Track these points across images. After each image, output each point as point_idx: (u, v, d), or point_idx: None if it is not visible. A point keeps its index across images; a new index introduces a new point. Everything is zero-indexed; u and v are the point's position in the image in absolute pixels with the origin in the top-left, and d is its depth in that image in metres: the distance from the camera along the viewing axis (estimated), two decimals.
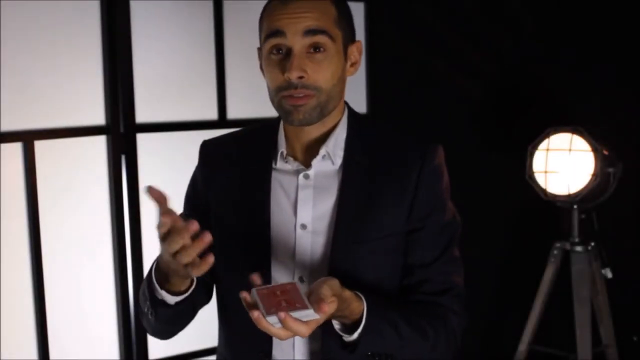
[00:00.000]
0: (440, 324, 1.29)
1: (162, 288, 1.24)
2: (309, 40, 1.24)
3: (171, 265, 1.15)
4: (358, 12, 2.75)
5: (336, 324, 1.22)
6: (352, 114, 1.39)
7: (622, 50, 2.72)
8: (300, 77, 1.24)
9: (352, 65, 1.34)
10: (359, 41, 1.36)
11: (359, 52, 1.35)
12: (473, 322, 1.41)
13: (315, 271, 1.30)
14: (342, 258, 1.28)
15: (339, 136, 1.34)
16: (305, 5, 1.25)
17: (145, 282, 1.29)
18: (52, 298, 2.19)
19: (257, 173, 1.35)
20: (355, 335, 1.19)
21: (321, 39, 1.25)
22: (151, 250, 2.34)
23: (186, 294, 1.26)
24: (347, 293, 1.17)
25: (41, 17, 2.13)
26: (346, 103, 1.40)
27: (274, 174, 1.35)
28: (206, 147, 1.45)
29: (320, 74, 1.25)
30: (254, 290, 1.12)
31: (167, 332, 1.41)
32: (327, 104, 1.28)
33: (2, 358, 2.11)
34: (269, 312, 1.08)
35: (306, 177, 1.33)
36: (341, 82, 1.31)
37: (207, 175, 1.41)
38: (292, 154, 1.35)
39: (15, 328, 2.13)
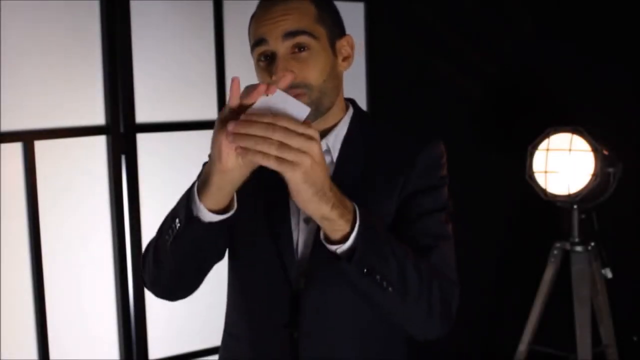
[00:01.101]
0: (433, 275, 1.23)
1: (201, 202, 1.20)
2: (290, 42, 1.26)
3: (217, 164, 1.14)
4: (358, 12, 2.75)
5: (322, 235, 1.16)
6: (358, 114, 1.39)
7: (622, 51, 2.72)
8: None
9: (345, 59, 1.35)
10: (348, 35, 1.36)
11: (350, 45, 1.35)
12: (473, 323, 1.40)
13: (315, 264, 1.29)
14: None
15: (340, 133, 1.35)
16: (282, 9, 1.27)
17: (182, 199, 1.26)
18: (52, 298, 2.19)
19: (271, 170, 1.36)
20: (351, 239, 1.13)
21: (302, 39, 1.26)
22: None
23: (224, 216, 1.22)
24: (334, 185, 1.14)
25: (41, 17, 2.13)
26: (353, 103, 1.41)
27: None
28: None
29: (308, 72, 1.27)
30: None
31: (169, 283, 1.36)
32: (321, 101, 1.29)
33: (2, 358, 2.11)
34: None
35: None
36: (333, 78, 1.32)
37: None
38: None
39: (15, 328, 2.13)
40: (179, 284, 1.37)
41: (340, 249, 1.15)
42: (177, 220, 1.24)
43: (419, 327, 1.26)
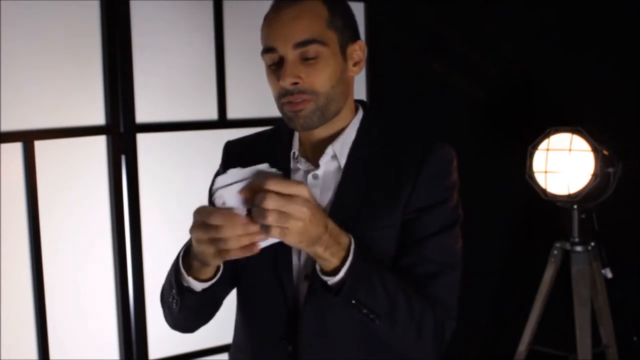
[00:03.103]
0: (428, 307, 1.24)
1: (188, 275, 1.25)
2: (300, 50, 1.26)
3: (199, 250, 1.15)
4: (358, 12, 2.75)
5: (318, 266, 1.19)
6: (367, 116, 1.38)
7: (623, 51, 2.72)
8: (295, 84, 1.26)
9: (355, 64, 1.34)
10: (360, 40, 1.35)
11: (362, 50, 1.35)
12: (473, 323, 1.40)
13: (316, 278, 1.30)
14: None
15: (348, 137, 1.35)
16: (293, 13, 1.26)
17: (171, 271, 1.30)
18: (52, 298, 2.19)
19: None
20: (341, 273, 1.16)
21: (311, 48, 1.26)
22: (151, 249, 2.35)
23: (213, 281, 1.26)
24: (332, 224, 1.16)
25: (41, 17, 2.13)
26: (363, 104, 1.40)
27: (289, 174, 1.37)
28: (229, 148, 1.49)
29: (316, 78, 1.27)
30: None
31: (188, 325, 1.42)
32: (328, 107, 1.29)
33: (2, 358, 2.11)
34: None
35: (315, 177, 1.34)
36: (342, 83, 1.31)
37: None
38: (304, 153, 1.37)
39: (15, 328, 2.13)
40: (197, 325, 1.42)
41: (331, 281, 1.17)
42: (173, 291, 1.28)
43: (408, 349, 1.28)
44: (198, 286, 1.25)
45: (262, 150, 1.42)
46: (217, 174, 1.48)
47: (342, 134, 1.35)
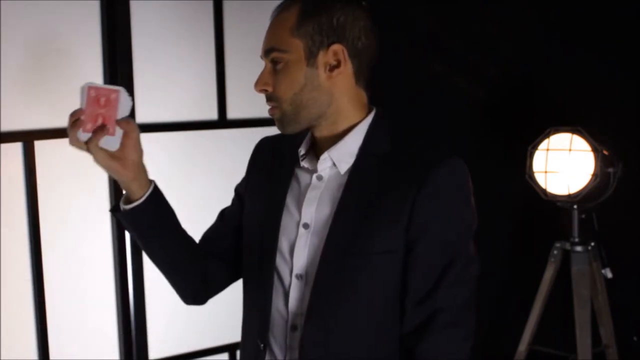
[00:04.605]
0: None
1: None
2: (269, 58, 1.32)
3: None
4: None
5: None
6: (376, 123, 1.38)
7: (623, 50, 2.72)
8: (264, 90, 1.32)
9: (332, 69, 1.31)
10: (337, 44, 1.31)
11: (338, 55, 1.31)
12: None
13: (309, 271, 1.31)
14: (332, 264, 1.29)
15: (348, 144, 1.34)
16: (272, 23, 1.33)
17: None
18: (52, 298, 2.19)
19: (284, 169, 1.40)
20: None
21: (273, 56, 1.31)
22: None
23: (138, 201, 1.41)
24: None
25: (41, 17, 2.14)
26: (377, 109, 1.41)
27: (297, 171, 1.39)
28: (260, 142, 1.53)
29: (279, 85, 1.30)
30: (86, 85, 1.36)
31: (164, 271, 1.50)
32: (298, 113, 1.31)
33: (2, 358, 2.11)
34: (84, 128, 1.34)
35: (319, 178, 1.35)
36: (312, 90, 1.30)
37: (251, 168, 1.50)
38: (315, 152, 1.38)
39: (15, 328, 2.13)
40: (184, 284, 1.50)
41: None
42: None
43: None
44: (126, 207, 1.39)
45: (284, 148, 1.44)
46: (246, 170, 1.52)
47: (341, 141, 1.34)
